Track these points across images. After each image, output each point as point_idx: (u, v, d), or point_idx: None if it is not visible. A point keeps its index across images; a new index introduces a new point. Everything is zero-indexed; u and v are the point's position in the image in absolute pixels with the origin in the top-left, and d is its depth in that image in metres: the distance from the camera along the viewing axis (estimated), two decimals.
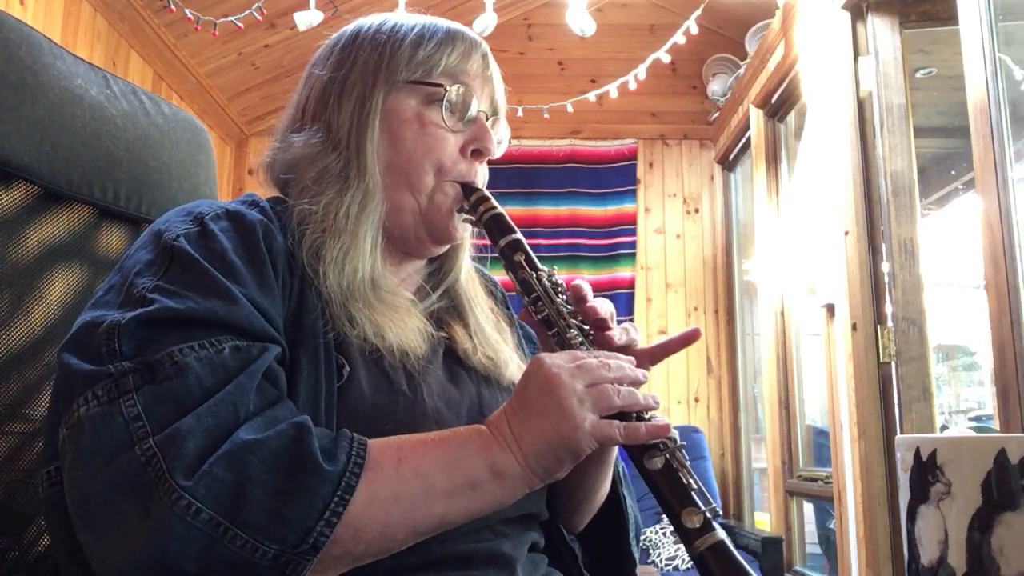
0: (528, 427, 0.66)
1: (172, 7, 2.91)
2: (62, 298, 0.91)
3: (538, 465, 0.66)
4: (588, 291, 0.80)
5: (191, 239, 0.70)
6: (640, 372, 0.71)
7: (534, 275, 0.80)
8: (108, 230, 0.99)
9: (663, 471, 0.67)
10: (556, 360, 0.68)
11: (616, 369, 0.69)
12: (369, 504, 0.61)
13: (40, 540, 0.85)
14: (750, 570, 0.62)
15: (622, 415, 0.67)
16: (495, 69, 0.89)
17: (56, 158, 0.89)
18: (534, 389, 0.68)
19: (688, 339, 0.82)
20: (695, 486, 0.66)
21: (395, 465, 0.64)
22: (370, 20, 0.89)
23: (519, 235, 0.83)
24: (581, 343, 0.76)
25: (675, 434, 0.69)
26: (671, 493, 0.66)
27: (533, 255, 0.82)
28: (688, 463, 0.68)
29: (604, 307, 0.80)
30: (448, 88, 0.83)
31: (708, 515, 0.64)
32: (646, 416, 0.69)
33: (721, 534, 0.63)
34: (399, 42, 0.84)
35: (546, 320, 0.78)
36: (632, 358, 0.73)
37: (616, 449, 0.87)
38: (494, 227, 0.83)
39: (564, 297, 0.80)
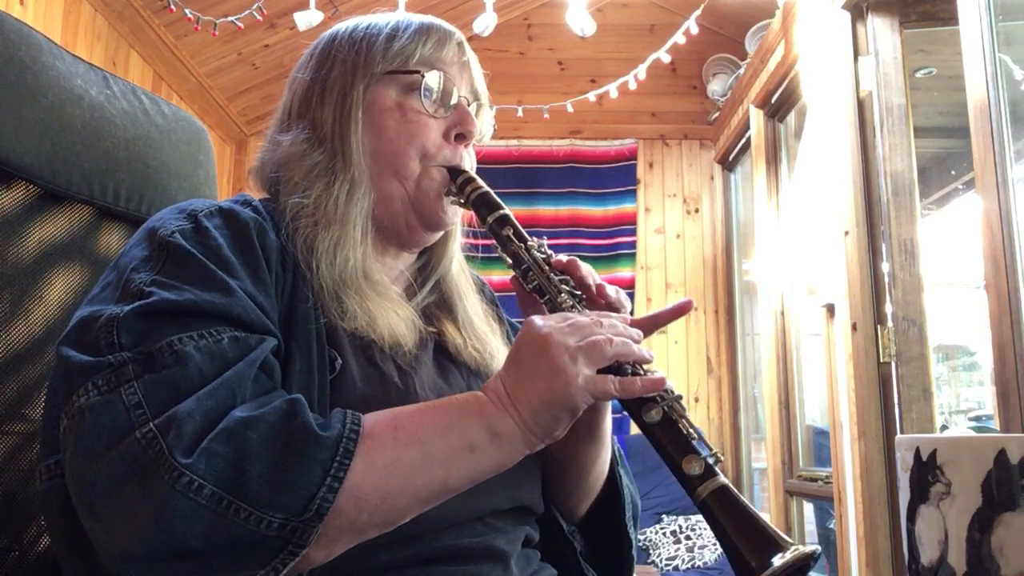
0: (523, 387, 0.67)
1: (172, 7, 2.91)
2: (62, 298, 0.90)
3: (535, 424, 0.67)
4: (581, 266, 0.82)
5: (186, 235, 0.71)
6: (634, 331, 0.71)
7: (523, 247, 0.82)
8: (108, 230, 0.99)
9: (662, 423, 0.67)
10: (548, 320, 0.69)
11: (609, 327, 0.69)
12: (369, 471, 0.62)
13: (40, 540, 0.85)
14: (755, 512, 0.62)
15: (617, 372, 0.68)
16: (472, 57, 0.91)
17: (56, 158, 0.89)
18: (526, 350, 0.68)
19: (679, 311, 0.83)
20: (695, 435, 0.66)
21: (392, 433, 0.64)
22: (346, 23, 0.91)
23: (506, 210, 0.84)
24: (572, 307, 0.77)
25: (671, 386, 0.69)
26: (671, 443, 0.66)
27: (521, 228, 0.83)
28: (687, 413, 0.68)
29: (592, 276, 0.82)
30: (425, 75, 0.84)
31: (709, 461, 0.64)
32: (642, 372, 0.69)
33: (724, 479, 0.64)
34: (374, 37, 0.86)
35: (538, 289, 0.80)
36: (626, 316, 0.74)
37: (610, 425, 0.87)
38: (481, 205, 0.85)
39: (551, 263, 0.82)
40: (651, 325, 0.83)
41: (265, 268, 0.73)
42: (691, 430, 0.67)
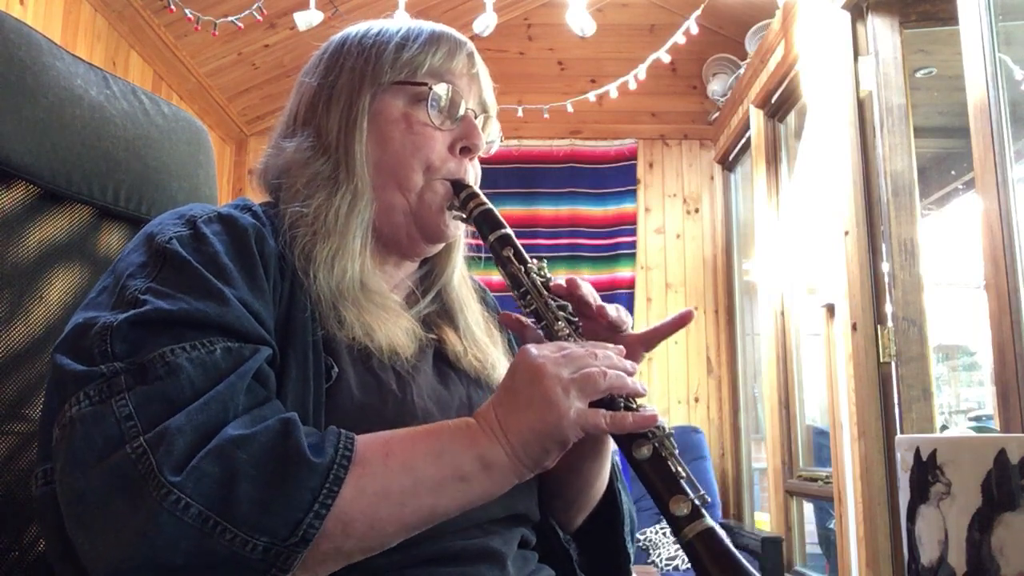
0: (515, 417, 0.67)
1: (172, 7, 2.91)
2: (62, 298, 0.90)
3: (526, 455, 0.66)
4: (581, 285, 0.81)
5: (183, 241, 0.71)
6: (628, 363, 0.71)
7: (522, 269, 0.81)
8: (108, 230, 0.99)
9: (651, 460, 0.67)
10: (542, 351, 0.69)
11: (603, 358, 0.69)
12: (358, 497, 0.62)
13: (40, 540, 0.85)
14: (740, 557, 0.62)
15: (610, 405, 0.68)
16: (482, 68, 0.90)
17: (56, 158, 0.89)
18: (520, 380, 0.68)
19: (681, 322, 0.82)
20: (684, 474, 0.66)
21: (383, 459, 0.64)
22: (356, 28, 0.90)
23: (508, 230, 0.83)
24: (569, 335, 0.76)
25: (664, 423, 0.69)
26: (659, 481, 0.66)
27: (522, 249, 0.82)
28: (676, 451, 0.68)
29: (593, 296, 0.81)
30: (433, 87, 0.84)
31: (697, 502, 0.64)
32: (634, 406, 0.69)
33: (710, 521, 0.63)
34: (384, 45, 0.85)
35: (535, 313, 0.79)
36: (621, 347, 0.73)
37: (611, 441, 0.87)
38: (483, 223, 0.84)
39: (550, 287, 0.80)
40: (654, 338, 0.82)
41: (263, 275, 0.73)
42: (679, 469, 0.66)
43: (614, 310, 0.81)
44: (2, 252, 0.84)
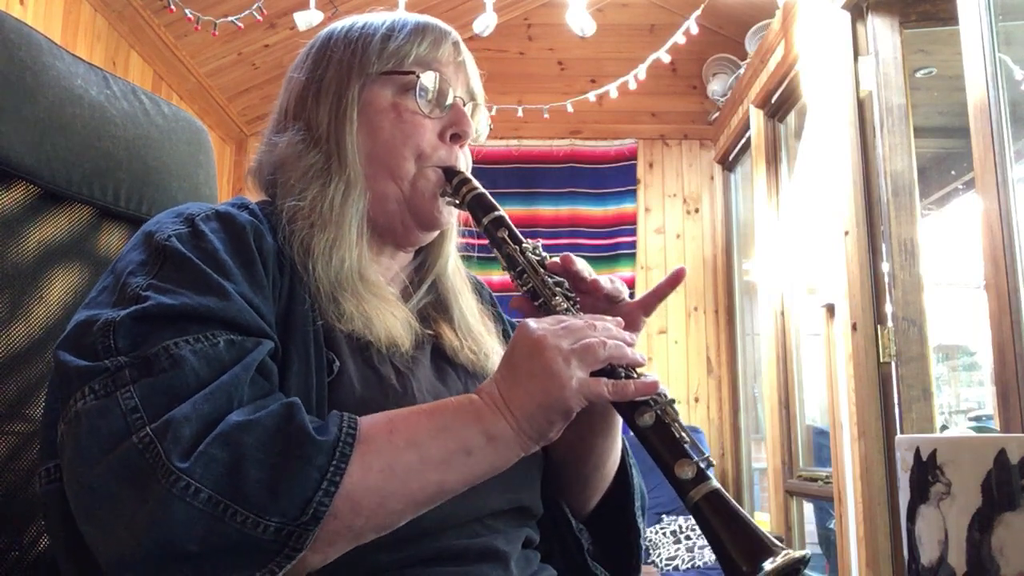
0: (517, 390, 0.67)
1: (172, 7, 2.91)
2: (62, 298, 0.91)
3: (530, 427, 0.67)
4: (576, 261, 0.82)
5: (183, 239, 0.71)
6: (627, 334, 0.72)
7: (518, 249, 0.82)
8: (108, 230, 0.99)
9: (655, 426, 0.67)
10: (541, 323, 0.69)
11: (602, 329, 0.70)
12: (365, 475, 0.62)
13: (40, 540, 0.85)
14: (747, 516, 0.62)
15: (611, 375, 0.68)
16: (468, 56, 0.91)
17: (56, 158, 0.89)
18: (520, 353, 0.69)
19: (675, 280, 0.83)
20: (687, 439, 0.67)
21: (388, 436, 0.65)
22: (342, 22, 0.91)
23: (502, 212, 0.84)
24: (567, 310, 0.77)
25: (665, 390, 0.69)
26: (663, 447, 0.66)
27: (516, 230, 0.83)
28: (679, 418, 0.68)
29: (588, 271, 0.82)
30: (420, 75, 0.84)
31: (702, 465, 0.65)
32: (635, 376, 0.69)
33: (716, 483, 0.64)
34: (370, 37, 0.86)
35: (532, 291, 0.80)
36: (620, 319, 0.74)
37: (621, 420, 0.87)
38: (477, 206, 0.85)
39: (546, 265, 0.81)
40: (651, 302, 0.83)
41: (262, 271, 0.73)
42: (683, 434, 0.67)
43: (608, 282, 0.82)
44: (2, 252, 0.84)
